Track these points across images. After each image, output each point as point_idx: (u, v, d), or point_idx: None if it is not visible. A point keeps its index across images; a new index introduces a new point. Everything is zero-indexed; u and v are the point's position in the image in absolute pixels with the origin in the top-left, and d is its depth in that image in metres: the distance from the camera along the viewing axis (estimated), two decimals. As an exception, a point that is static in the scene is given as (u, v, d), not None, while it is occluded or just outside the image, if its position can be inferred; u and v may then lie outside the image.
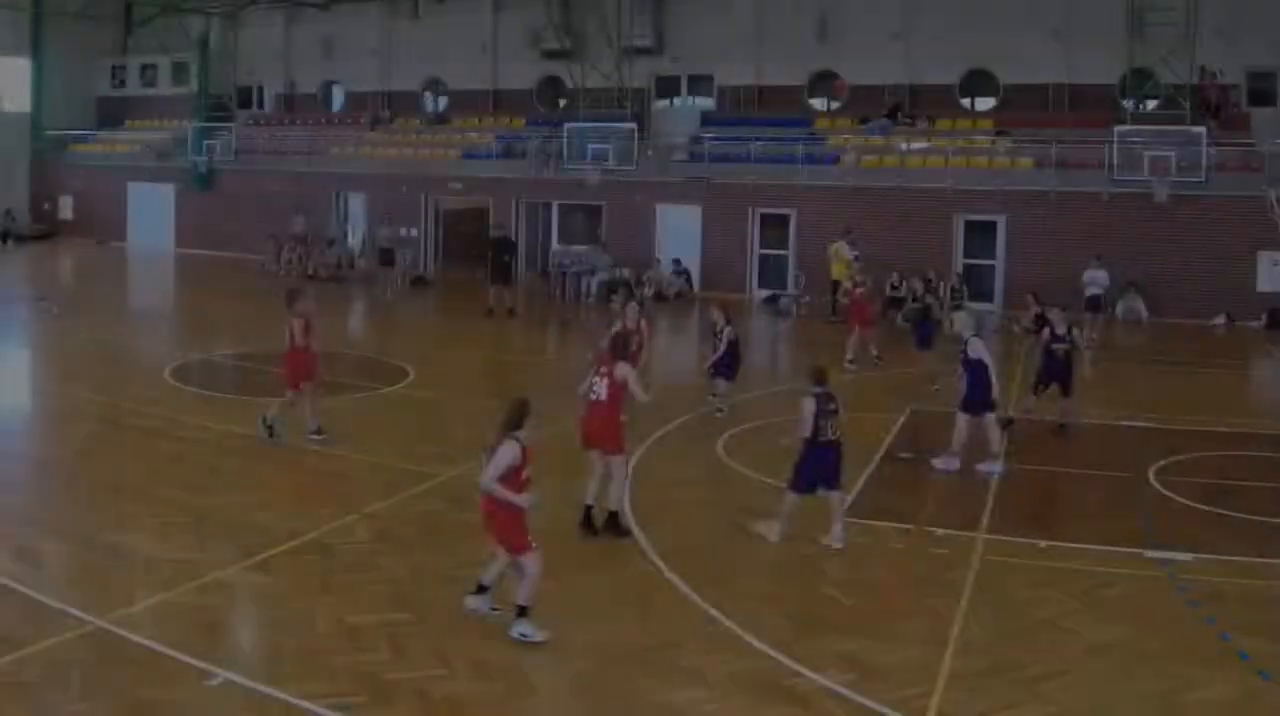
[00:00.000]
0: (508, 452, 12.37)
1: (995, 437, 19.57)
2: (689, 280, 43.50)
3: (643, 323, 21.77)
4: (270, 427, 20.01)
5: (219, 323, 35.10)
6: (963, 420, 19.44)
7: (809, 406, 15.23)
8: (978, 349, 19.43)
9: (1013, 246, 41.58)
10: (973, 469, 19.23)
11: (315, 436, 20.16)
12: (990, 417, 19.54)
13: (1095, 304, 34.47)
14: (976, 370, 19.34)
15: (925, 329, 28.74)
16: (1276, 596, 13.99)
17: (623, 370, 15.67)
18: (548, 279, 45.81)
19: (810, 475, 15.33)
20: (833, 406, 15.36)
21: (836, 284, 38.58)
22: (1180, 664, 11.89)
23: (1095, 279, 34.97)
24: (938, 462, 19.57)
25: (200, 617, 12.35)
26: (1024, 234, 41.31)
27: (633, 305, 22.35)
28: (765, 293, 43.69)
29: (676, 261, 43.82)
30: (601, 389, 15.55)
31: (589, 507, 15.55)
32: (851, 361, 28.92)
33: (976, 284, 41.49)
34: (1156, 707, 10.95)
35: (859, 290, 30.38)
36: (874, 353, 29.44)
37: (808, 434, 15.21)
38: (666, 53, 52.36)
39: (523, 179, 48.42)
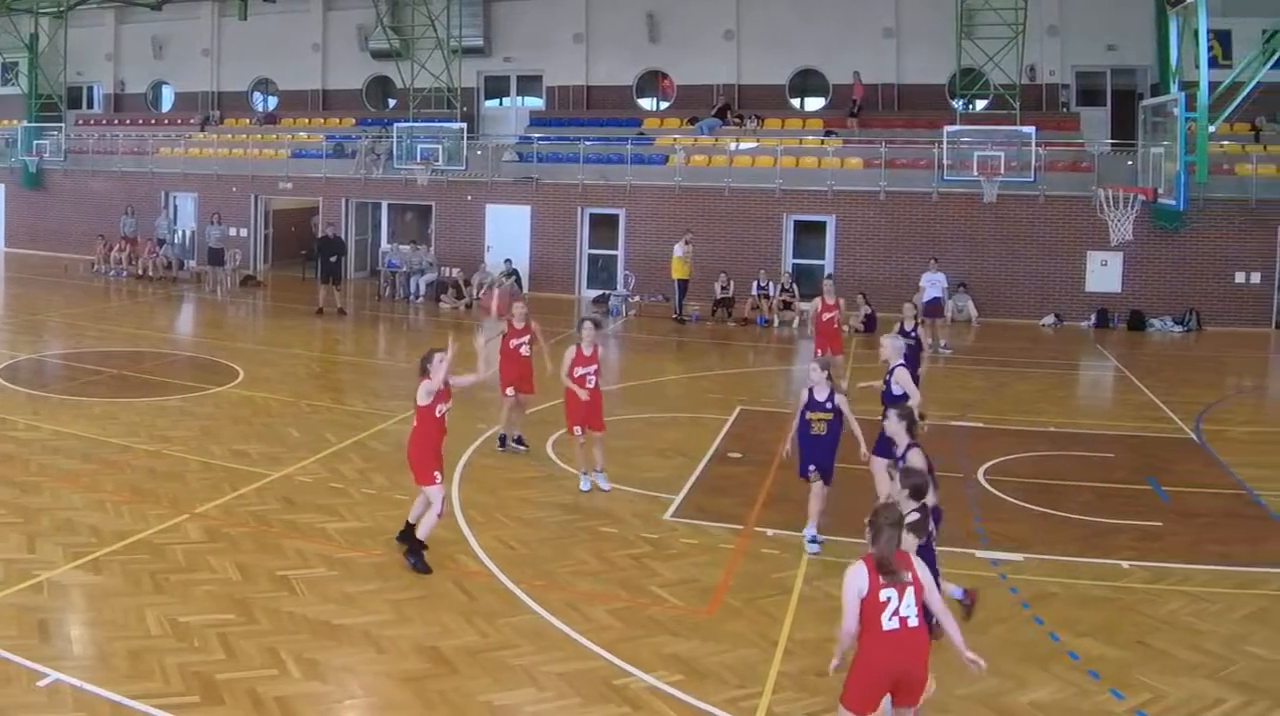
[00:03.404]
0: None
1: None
2: (519, 280, 43.59)
3: (532, 321, 20.93)
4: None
5: (49, 323, 34.57)
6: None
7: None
8: (905, 381, 16.97)
9: (843, 246, 41.99)
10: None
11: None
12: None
13: (935, 307, 34.25)
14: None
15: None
16: (1105, 596, 14.19)
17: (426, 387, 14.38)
18: (378, 278, 45.74)
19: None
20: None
21: (684, 285, 39.32)
22: (1011, 663, 12.04)
23: (934, 281, 35.13)
24: None
25: (31, 618, 12.29)
26: (854, 234, 41.81)
27: (519, 305, 21.49)
28: (594, 292, 43.88)
29: (507, 261, 43.91)
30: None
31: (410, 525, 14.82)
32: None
33: (807, 284, 41.95)
34: (988, 707, 11.10)
35: (828, 315, 26.76)
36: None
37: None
38: (496, 52, 52.53)
39: (352, 179, 48.26)
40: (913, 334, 22.89)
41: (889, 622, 9.08)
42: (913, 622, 9.13)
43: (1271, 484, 19.59)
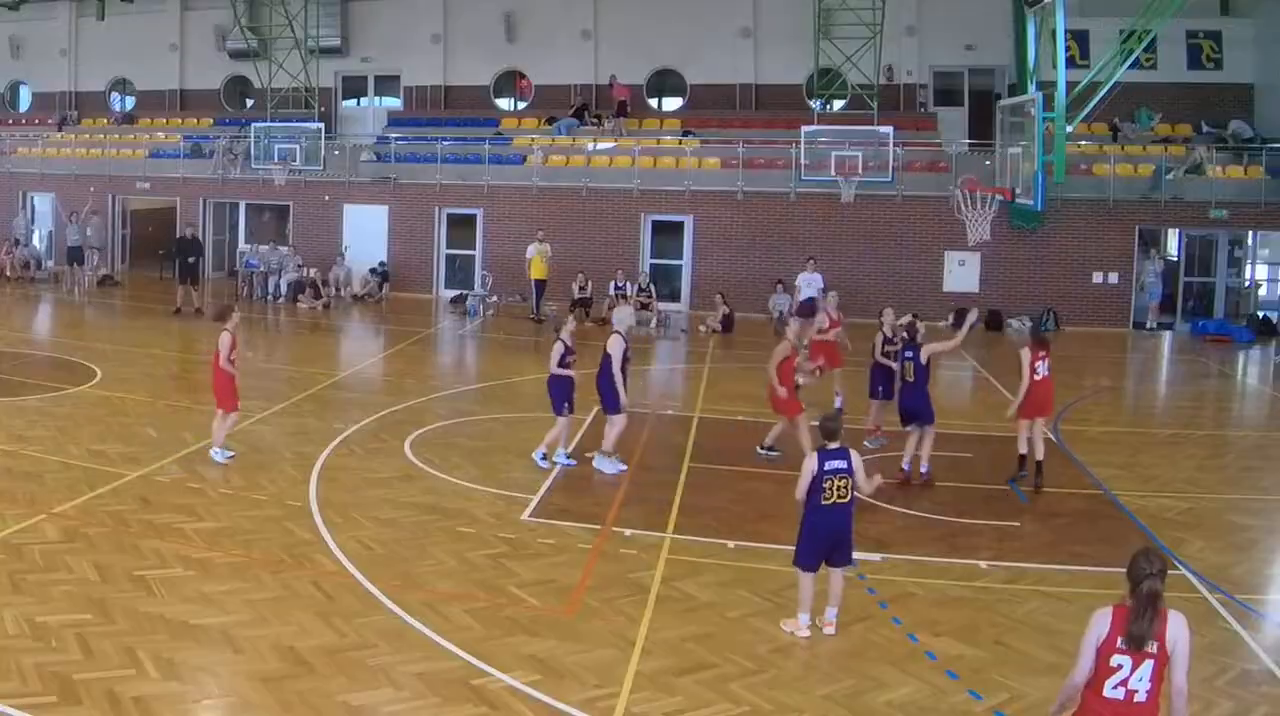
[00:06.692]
0: None
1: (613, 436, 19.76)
2: (383, 282, 43.66)
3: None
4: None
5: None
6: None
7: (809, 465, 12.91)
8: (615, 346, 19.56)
9: (701, 247, 42.46)
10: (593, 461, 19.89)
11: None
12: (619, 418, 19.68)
13: (810, 308, 33.86)
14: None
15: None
16: (962, 596, 14.23)
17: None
18: (235, 278, 45.54)
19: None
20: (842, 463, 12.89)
21: (541, 285, 39.43)
22: (869, 664, 12.12)
23: (810, 282, 35.17)
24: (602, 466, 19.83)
25: (-112, 619, 12.19)
26: (712, 234, 42.27)
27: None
28: (452, 292, 43.98)
29: (382, 263, 44.22)
30: None
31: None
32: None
33: (665, 284, 42.43)
34: (845, 707, 11.08)
35: (835, 331, 26.29)
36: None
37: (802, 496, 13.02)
38: (353, 52, 52.53)
39: (210, 179, 48.03)
40: (896, 340, 22.28)
41: (1111, 691, 8.17)
42: (1140, 698, 8.13)
43: (1129, 483, 20.00)
